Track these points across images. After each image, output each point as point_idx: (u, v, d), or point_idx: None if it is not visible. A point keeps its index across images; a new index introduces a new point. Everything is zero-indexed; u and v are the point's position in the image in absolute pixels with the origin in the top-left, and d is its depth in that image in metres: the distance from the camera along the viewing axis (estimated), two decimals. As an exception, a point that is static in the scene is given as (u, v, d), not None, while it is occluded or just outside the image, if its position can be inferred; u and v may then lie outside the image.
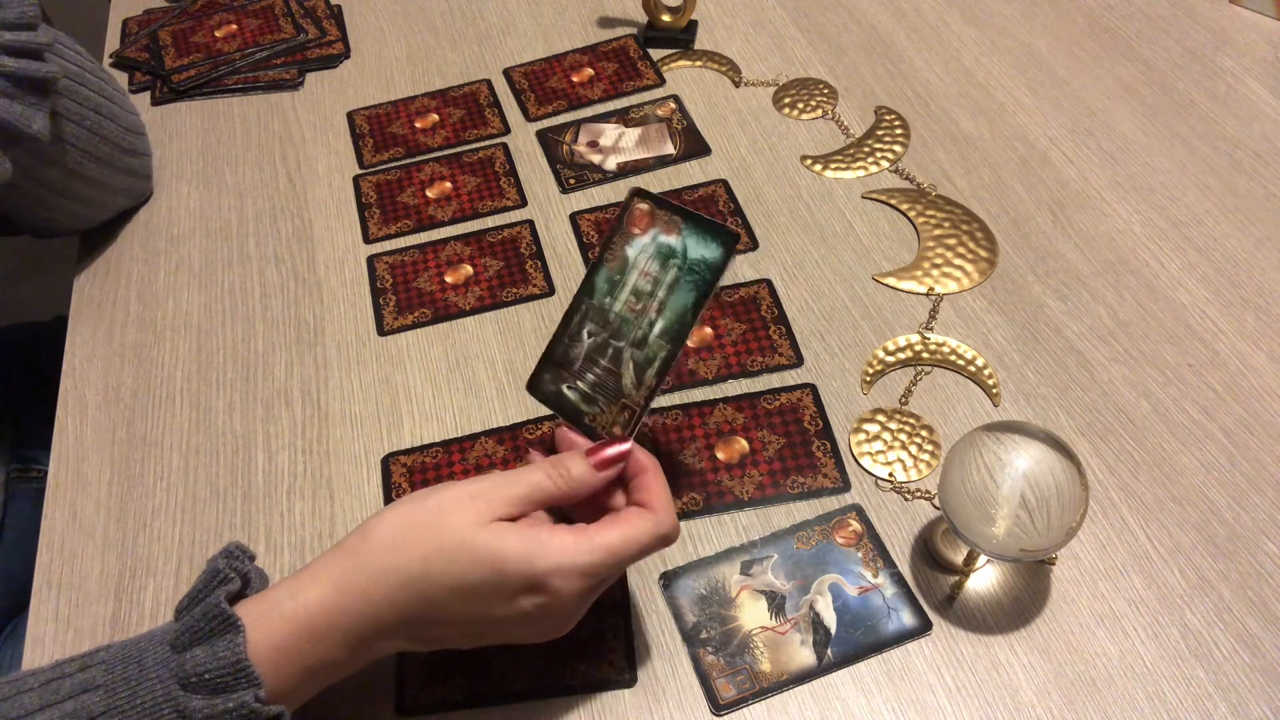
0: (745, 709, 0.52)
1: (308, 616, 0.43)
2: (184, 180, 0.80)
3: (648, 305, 0.50)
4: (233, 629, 0.42)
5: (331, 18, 0.93)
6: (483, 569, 0.44)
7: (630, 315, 0.51)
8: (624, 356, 0.50)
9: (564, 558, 0.44)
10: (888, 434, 0.62)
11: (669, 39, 0.89)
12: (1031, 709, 0.51)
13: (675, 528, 0.47)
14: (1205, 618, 0.54)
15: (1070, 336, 0.66)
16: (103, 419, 0.66)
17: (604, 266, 0.52)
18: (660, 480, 0.48)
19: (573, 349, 0.52)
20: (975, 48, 0.87)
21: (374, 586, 0.44)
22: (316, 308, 0.71)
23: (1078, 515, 0.49)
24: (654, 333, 0.50)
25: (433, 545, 0.44)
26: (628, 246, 0.51)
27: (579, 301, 0.53)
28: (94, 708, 0.41)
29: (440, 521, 0.45)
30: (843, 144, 0.80)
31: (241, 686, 0.41)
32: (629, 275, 0.51)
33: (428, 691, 0.53)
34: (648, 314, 0.50)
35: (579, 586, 0.45)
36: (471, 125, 0.83)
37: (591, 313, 0.52)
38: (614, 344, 0.51)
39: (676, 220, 0.50)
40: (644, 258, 0.51)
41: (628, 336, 0.50)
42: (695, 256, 0.49)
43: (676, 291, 0.50)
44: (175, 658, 0.42)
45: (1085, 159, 0.77)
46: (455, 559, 0.44)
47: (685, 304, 0.49)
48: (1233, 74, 0.83)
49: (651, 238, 0.51)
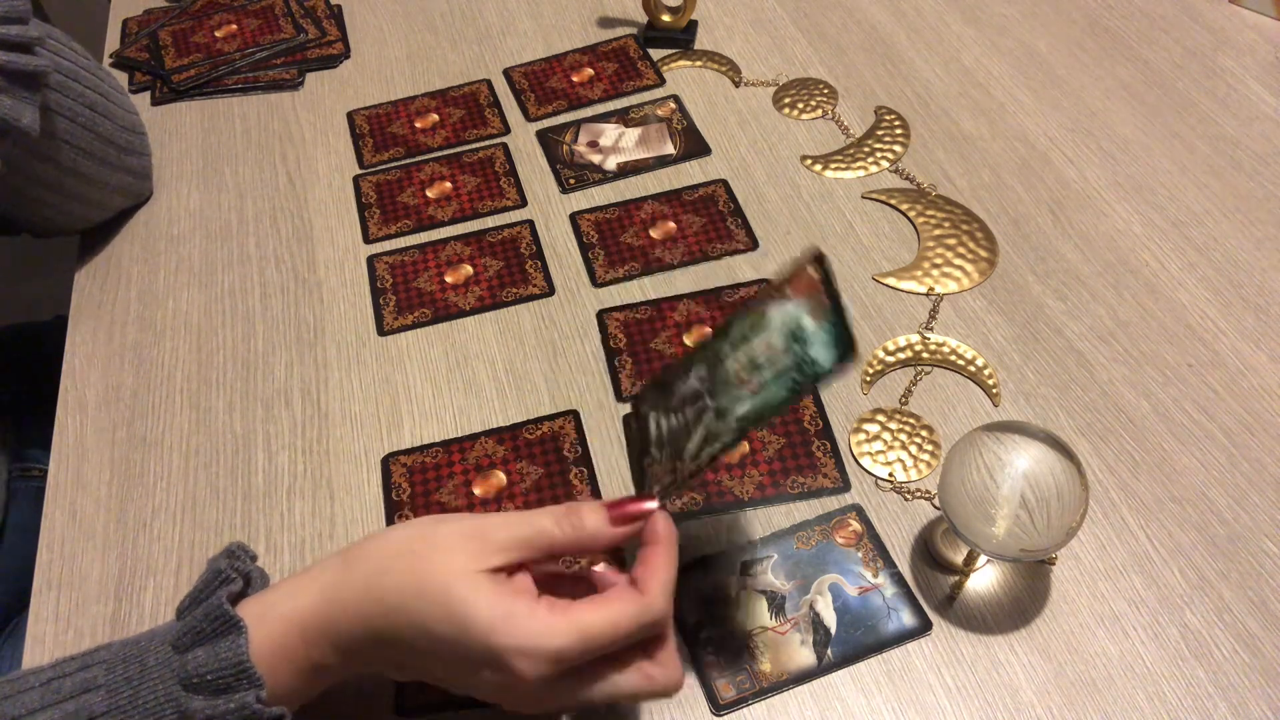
0: (745, 709, 0.52)
1: (302, 620, 0.43)
2: (184, 180, 0.81)
3: (749, 379, 0.47)
4: (235, 629, 0.42)
5: (331, 18, 0.93)
6: (451, 625, 0.41)
7: (734, 380, 0.47)
8: (704, 419, 0.47)
9: (530, 639, 0.41)
10: (888, 434, 0.62)
11: (669, 39, 0.89)
12: (1031, 709, 0.51)
13: (665, 614, 0.43)
14: (1205, 618, 0.54)
15: (1070, 336, 0.66)
16: (103, 419, 0.66)
17: (748, 315, 0.49)
18: (669, 560, 0.44)
19: (681, 384, 0.50)
20: (975, 48, 0.87)
21: (357, 606, 0.43)
22: (316, 308, 0.71)
23: (1078, 515, 0.49)
24: (736, 412, 0.46)
25: (415, 582, 0.42)
26: (775, 308, 0.48)
27: (710, 341, 0.50)
28: (95, 707, 0.41)
29: (433, 557, 0.43)
30: (843, 144, 0.80)
31: (243, 687, 0.41)
32: (756, 339, 0.48)
33: (428, 691, 0.53)
34: (744, 388, 0.47)
35: (545, 672, 0.41)
36: (471, 125, 0.83)
37: (710, 357, 0.49)
38: (706, 401, 0.48)
39: (826, 306, 0.46)
40: (779, 327, 0.47)
41: (718, 400, 0.47)
42: (812, 355, 0.45)
43: (776, 382, 0.46)
44: (177, 658, 0.42)
45: (1085, 159, 0.77)
46: (431, 605, 0.42)
47: (773, 400, 0.45)
48: (1233, 74, 0.83)
49: (796, 310, 0.47)
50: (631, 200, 0.77)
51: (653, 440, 0.49)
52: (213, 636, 0.42)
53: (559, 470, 0.61)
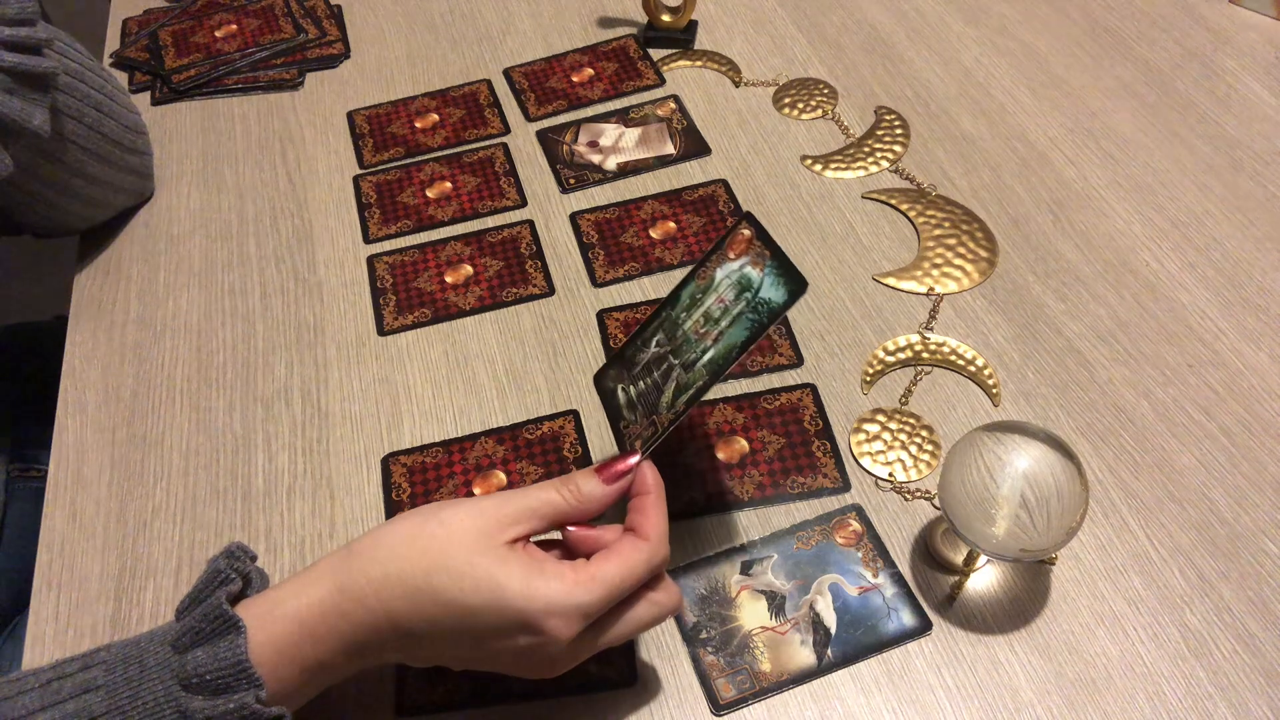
0: (745, 709, 0.52)
1: (309, 617, 0.43)
2: (184, 180, 0.80)
3: (710, 331, 0.50)
4: (234, 629, 0.42)
5: (331, 18, 0.93)
6: (483, 595, 0.43)
7: (693, 337, 0.51)
8: (672, 374, 0.51)
9: (561, 598, 0.43)
10: (888, 434, 0.62)
11: (669, 39, 0.89)
12: (1031, 709, 0.51)
13: (667, 557, 0.47)
14: (1205, 618, 0.54)
15: (1070, 336, 0.66)
16: (103, 419, 0.66)
17: (693, 282, 0.53)
18: (659, 507, 0.47)
19: (640, 353, 0.53)
20: (975, 48, 0.87)
21: (374, 594, 0.44)
22: (316, 308, 0.71)
23: (1078, 515, 0.49)
24: (702, 360, 0.50)
25: (439, 560, 0.44)
26: (719, 268, 0.52)
27: (661, 310, 0.54)
28: (95, 708, 0.41)
29: (450, 536, 0.44)
30: (843, 144, 0.80)
31: (242, 687, 0.41)
32: (708, 297, 0.52)
33: (428, 691, 0.53)
34: (706, 340, 0.50)
35: (576, 628, 0.44)
36: (471, 125, 0.83)
37: (667, 324, 0.53)
38: (671, 360, 0.51)
39: (765, 255, 0.50)
40: (726, 283, 0.51)
41: (682, 357, 0.51)
42: (763, 296, 0.49)
43: (735, 326, 0.50)
44: (176, 658, 0.42)
45: (1085, 159, 0.77)
46: (459, 579, 0.43)
47: (736, 340, 0.49)
48: (1233, 74, 0.83)
49: (739, 265, 0.51)
50: (631, 200, 0.77)
51: (624, 406, 0.52)
52: (212, 637, 0.42)
53: (559, 470, 0.61)
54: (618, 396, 0.53)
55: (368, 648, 0.44)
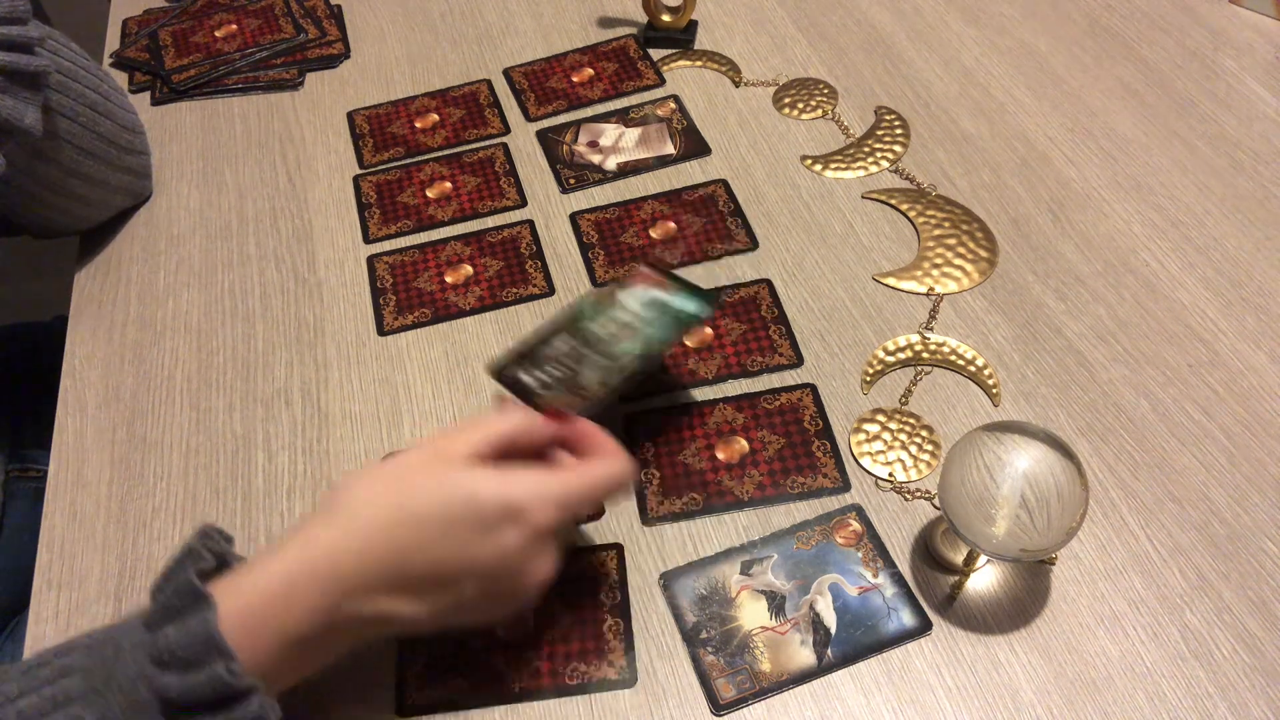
0: (745, 709, 0.52)
1: (278, 583, 0.44)
2: (184, 180, 0.80)
3: (627, 333, 0.57)
4: (204, 604, 0.42)
5: (331, 18, 0.93)
6: (460, 499, 0.45)
7: (607, 337, 0.57)
8: (587, 359, 0.56)
9: (537, 486, 0.47)
10: (888, 434, 0.62)
11: (669, 39, 0.89)
12: (1031, 709, 0.51)
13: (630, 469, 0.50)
14: (1205, 618, 0.54)
15: (1070, 336, 0.66)
16: (103, 419, 0.66)
17: (593, 298, 0.60)
18: (610, 436, 0.50)
19: (542, 350, 0.57)
20: (975, 48, 0.87)
21: (345, 538, 0.45)
22: (316, 308, 0.71)
23: (1078, 515, 0.49)
24: (624, 347, 0.56)
25: (409, 489, 0.46)
26: (622, 291, 0.60)
27: (560, 319, 0.59)
28: (72, 690, 0.41)
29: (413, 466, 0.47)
30: (843, 144, 0.80)
31: (213, 660, 0.41)
32: (615, 310, 0.58)
33: (428, 691, 0.53)
34: (624, 339, 0.57)
35: (554, 515, 0.47)
36: (471, 125, 0.83)
37: (569, 328, 0.58)
38: (584, 351, 0.57)
39: (672, 285, 0.59)
40: (634, 301, 0.59)
41: (599, 349, 0.56)
42: (681, 307, 0.58)
43: (657, 326, 0.57)
44: (149, 637, 0.42)
45: (1085, 159, 0.77)
46: (432, 494, 0.46)
47: (656, 336, 0.57)
48: (1233, 74, 0.83)
49: (644, 290, 0.59)
50: (631, 200, 0.77)
51: (534, 389, 0.55)
52: (182, 613, 0.42)
53: (559, 470, 0.61)
54: (522, 381, 0.55)
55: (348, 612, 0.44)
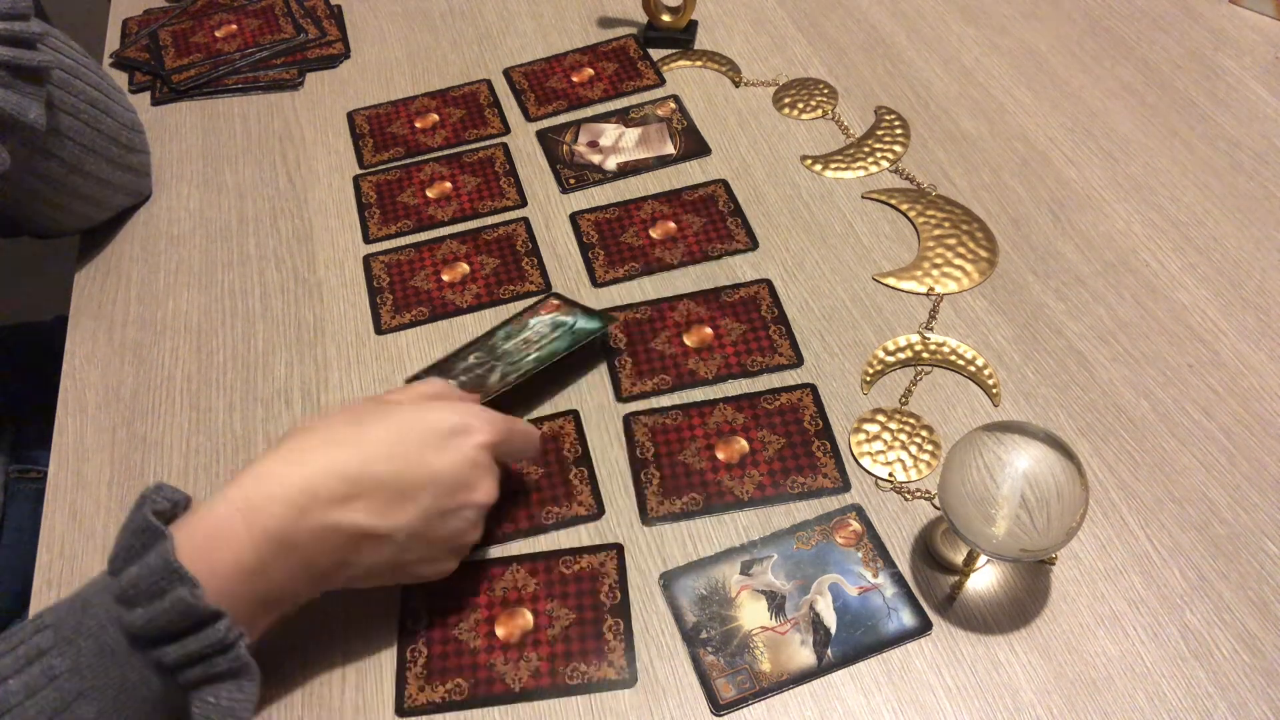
0: (745, 709, 0.52)
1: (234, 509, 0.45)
2: (184, 180, 0.80)
3: (531, 348, 0.64)
4: (159, 537, 0.43)
5: (331, 18, 0.93)
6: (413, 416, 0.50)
7: (514, 352, 0.64)
8: (495, 369, 0.63)
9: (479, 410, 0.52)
10: (888, 434, 0.62)
11: (669, 39, 0.89)
12: (1031, 709, 0.51)
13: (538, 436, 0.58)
14: (1205, 618, 0.54)
15: (1070, 336, 0.66)
16: (103, 419, 0.66)
17: (507, 326, 0.67)
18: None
19: (458, 364, 0.65)
20: (975, 48, 0.87)
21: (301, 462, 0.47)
22: (316, 308, 0.71)
23: (1078, 515, 0.49)
24: (529, 356, 0.63)
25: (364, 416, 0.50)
26: (532, 318, 0.67)
27: (476, 342, 0.67)
28: (44, 644, 0.43)
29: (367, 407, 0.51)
30: (843, 144, 0.80)
31: (174, 586, 0.42)
32: (524, 331, 0.66)
33: (428, 691, 0.53)
34: (528, 351, 0.64)
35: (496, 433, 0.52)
36: (471, 125, 0.83)
37: (484, 349, 0.65)
38: (492, 363, 0.64)
39: (575, 310, 0.67)
40: (541, 324, 0.66)
41: (505, 361, 0.63)
42: (579, 325, 0.65)
43: (557, 340, 0.64)
44: (113, 581, 0.43)
45: (1085, 159, 0.77)
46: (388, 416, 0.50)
47: (557, 348, 0.63)
48: (1233, 74, 0.83)
49: (551, 316, 0.67)
50: (631, 200, 0.77)
51: None
52: (141, 551, 0.43)
53: (559, 470, 0.61)
54: None
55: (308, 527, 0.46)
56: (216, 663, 0.43)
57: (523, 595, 0.56)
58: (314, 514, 0.46)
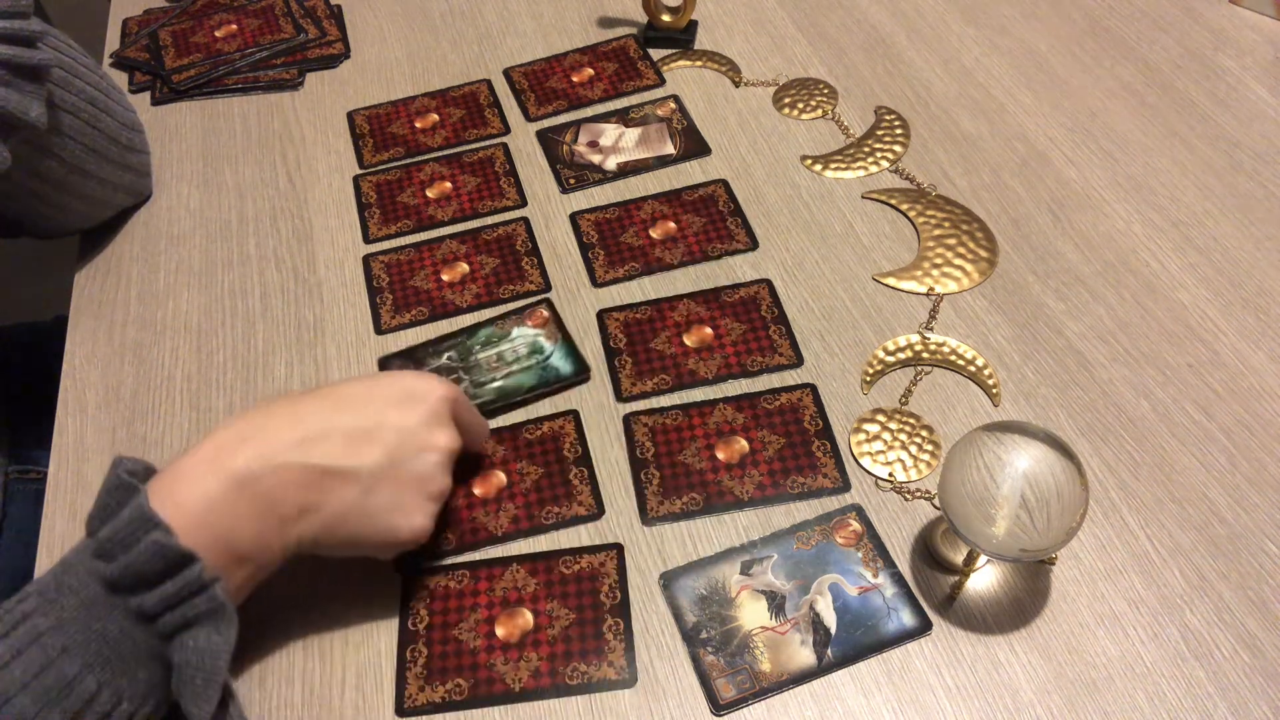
0: (745, 709, 0.52)
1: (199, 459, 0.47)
2: (184, 180, 0.80)
3: (501, 368, 0.65)
4: (133, 491, 0.45)
5: (331, 18, 0.93)
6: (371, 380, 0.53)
7: (485, 365, 0.65)
8: (463, 380, 0.64)
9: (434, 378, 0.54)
10: (888, 434, 0.62)
11: (669, 39, 0.89)
12: (1031, 709, 0.51)
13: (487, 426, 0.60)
14: (1205, 618, 0.54)
15: (1070, 336, 0.66)
16: (103, 419, 0.66)
17: (492, 326, 0.67)
18: None
19: (431, 358, 0.65)
20: (975, 48, 0.87)
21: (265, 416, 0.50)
22: (316, 308, 0.71)
23: (1078, 515, 0.49)
24: (492, 384, 0.64)
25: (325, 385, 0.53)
26: (517, 327, 0.67)
27: (456, 335, 0.67)
28: (28, 608, 0.44)
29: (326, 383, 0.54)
30: (843, 144, 0.80)
31: (148, 532, 0.44)
32: (504, 344, 0.66)
33: (428, 691, 0.53)
34: (496, 372, 0.65)
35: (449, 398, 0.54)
36: (471, 125, 0.83)
37: (460, 348, 0.66)
38: (461, 375, 0.65)
39: (558, 335, 0.67)
40: (521, 340, 0.66)
41: (473, 375, 0.65)
42: (553, 363, 0.65)
43: (525, 373, 0.65)
44: (92, 542, 0.45)
45: (1085, 159, 0.77)
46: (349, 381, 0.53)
47: (524, 384, 0.64)
48: (1233, 74, 0.83)
49: (534, 331, 0.67)
50: (631, 200, 0.77)
51: None
52: (117, 508, 0.45)
53: (559, 470, 0.61)
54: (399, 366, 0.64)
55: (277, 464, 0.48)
56: (194, 604, 0.44)
57: (523, 595, 0.56)
58: (279, 455, 0.48)
